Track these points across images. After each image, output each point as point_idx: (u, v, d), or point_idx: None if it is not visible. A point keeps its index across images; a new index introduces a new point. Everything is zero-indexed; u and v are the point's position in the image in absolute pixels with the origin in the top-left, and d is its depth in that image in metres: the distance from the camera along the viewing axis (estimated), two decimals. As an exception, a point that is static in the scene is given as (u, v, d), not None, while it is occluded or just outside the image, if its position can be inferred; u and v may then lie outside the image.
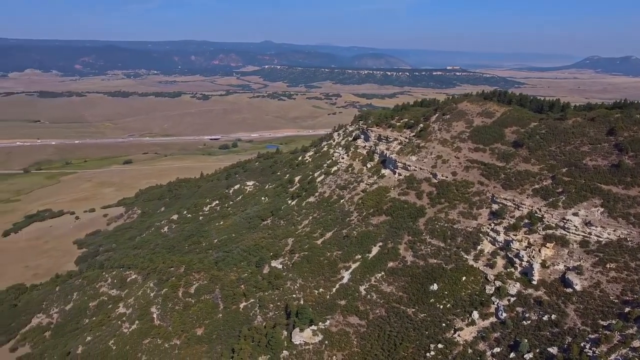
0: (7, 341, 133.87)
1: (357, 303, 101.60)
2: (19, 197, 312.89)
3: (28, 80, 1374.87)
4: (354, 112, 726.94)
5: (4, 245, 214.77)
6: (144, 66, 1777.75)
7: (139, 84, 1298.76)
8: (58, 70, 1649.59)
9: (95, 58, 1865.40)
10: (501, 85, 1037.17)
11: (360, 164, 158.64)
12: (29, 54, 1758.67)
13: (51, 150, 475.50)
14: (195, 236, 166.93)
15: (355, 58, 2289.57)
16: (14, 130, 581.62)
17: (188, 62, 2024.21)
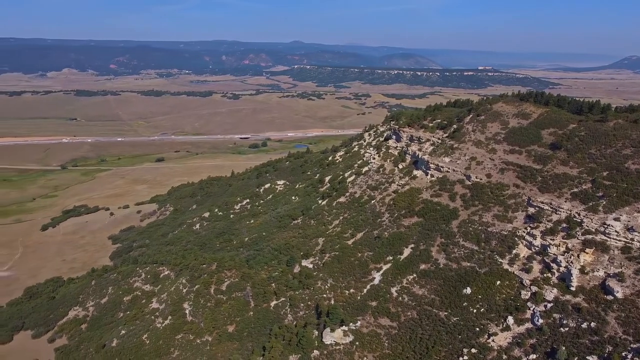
0: (46, 332, 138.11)
1: (388, 305, 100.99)
2: (57, 193, 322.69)
3: (66, 80, 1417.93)
4: (384, 113, 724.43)
5: (43, 239, 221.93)
6: (176, 66, 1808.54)
7: (171, 83, 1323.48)
8: (94, 70, 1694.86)
9: (130, 58, 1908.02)
10: (534, 86, 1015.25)
11: (391, 164, 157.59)
12: (66, 54, 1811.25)
13: (87, 147, 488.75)
14: (227, 234, 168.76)
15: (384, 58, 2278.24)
16: (52, 128, 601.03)
17: (219, 62, 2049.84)
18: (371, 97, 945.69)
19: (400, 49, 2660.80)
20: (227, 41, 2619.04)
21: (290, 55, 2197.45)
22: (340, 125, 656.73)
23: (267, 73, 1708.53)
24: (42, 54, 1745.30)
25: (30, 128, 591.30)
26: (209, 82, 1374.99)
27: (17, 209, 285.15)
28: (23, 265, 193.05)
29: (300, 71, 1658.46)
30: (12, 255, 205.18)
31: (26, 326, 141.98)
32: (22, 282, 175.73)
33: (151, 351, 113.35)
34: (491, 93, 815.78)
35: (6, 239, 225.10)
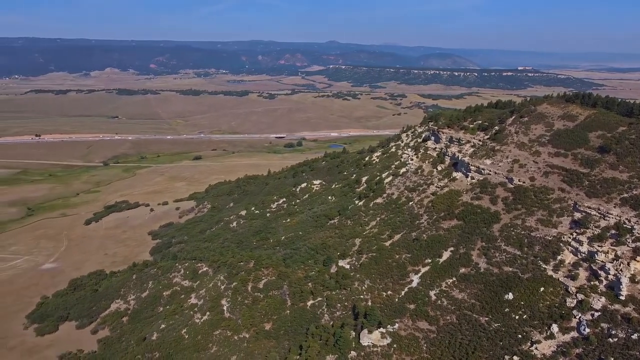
0: (89, 323, 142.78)
1: (426, 308, 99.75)
2: (99, 189, 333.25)
3: (108, 79, 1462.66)
4: (420, 113, 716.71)
5: (86, 233, 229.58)
6: (213, 65, 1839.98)
7: (208, 82, 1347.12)
8: (134, 69, 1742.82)
9: (169, 58, 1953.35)
10: (577, 87, 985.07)
11: (430, 166, 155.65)
12: (109, 54, 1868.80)
13: (128, 144, 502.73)
14: (263, 232, 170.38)
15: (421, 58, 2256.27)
16: (95, 125, 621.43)
17: (255, 61, 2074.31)
18: (407, 97, 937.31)
19: (437, 48, 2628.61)
20: (263, 41, 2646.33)
21: (326, 55, 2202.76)
22: (375, 126, 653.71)
23: (302, 73, 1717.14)
24: (86, 54, 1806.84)
25: (75, 125, 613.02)
26: (246, 82, 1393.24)
27: (62, 203, 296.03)
28: (68, 258, 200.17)
29: (335, 71, 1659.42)
30: (57, 248, 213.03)
31: (71, 317, 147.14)
32: (67, 274, 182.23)
33: (190, 346, 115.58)
34: (531, 94, 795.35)
35: (52, 232, 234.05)
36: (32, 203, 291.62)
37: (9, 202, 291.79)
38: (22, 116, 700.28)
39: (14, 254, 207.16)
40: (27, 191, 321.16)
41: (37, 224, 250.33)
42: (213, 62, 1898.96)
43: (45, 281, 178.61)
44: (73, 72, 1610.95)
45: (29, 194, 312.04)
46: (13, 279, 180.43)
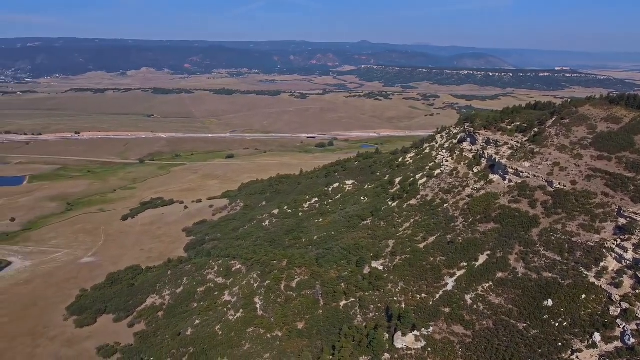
0: (126, 317, 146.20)
1: (462, 312, 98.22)
2: (135, 185, 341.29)
3: (143, 78, 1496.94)
4: (453, 114, 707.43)
5: (123, 229, 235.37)
6: (246, 65, 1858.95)
7: (241, 82, 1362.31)
8: (169, 69, 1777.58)
9: (202, 57, 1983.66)
10: (618, 88, 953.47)
11: (465, 167, 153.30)
12: (145, 53, 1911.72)
13: (163, 142, 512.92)
14: (295, 231, 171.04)
15: (454, 58, 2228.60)
16: (131, 123, 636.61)
17: (287, 61, 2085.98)
18: (440, 98, 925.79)
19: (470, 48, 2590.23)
20: (295, 41, 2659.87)
21: (358, 55, 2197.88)
22: (407, 126, 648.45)
23: (333, 73, 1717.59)
24: (123, 54, 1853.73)
25: (112, 123, 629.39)
26: (277, 82, 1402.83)
27: (99, 199, 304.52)
28: (105, 253, 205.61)
29: (367, 71, 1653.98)
30: (95, 242, 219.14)
31: (108, 310, 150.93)
32: (104, 268, 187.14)
33: (224, 342, 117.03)
34: (569, 95, 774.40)
35: (91, 227, 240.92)
36: (72, 198, 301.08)
37: (50, 197, 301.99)
38: (62, 114, 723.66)
39: (55, 247, 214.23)
40: (66, 187, 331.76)
41: (76, 219, 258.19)
42: (245, 62, 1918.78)
43: (84, 274, 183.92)
44: (111, 72, 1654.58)
45: (68, 190, 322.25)
46: (54, 272, 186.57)
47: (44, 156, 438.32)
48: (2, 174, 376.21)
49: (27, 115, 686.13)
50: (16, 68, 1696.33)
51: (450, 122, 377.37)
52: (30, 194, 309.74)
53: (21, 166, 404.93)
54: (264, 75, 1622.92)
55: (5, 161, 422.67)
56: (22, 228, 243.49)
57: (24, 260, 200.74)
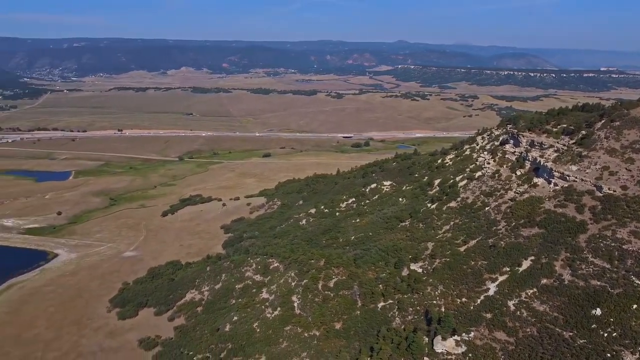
0: (166, 311, 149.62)
1: (504, 318, 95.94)
2: (175, 182, 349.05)
3: (183, 77, 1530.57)
4: (492, 115, 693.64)
5: (164, 225, 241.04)
6: (282, 65, 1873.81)
7: (277, 82, 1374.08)
8: (208, 68, 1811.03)
9: (240, 57, 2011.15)
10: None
11: (508, 170, 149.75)
12: (184, 53, 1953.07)
13: (201, 141, 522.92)
14: (333, 231, 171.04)
15: (493, 58, 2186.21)
16: (171, 122, 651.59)
17: (324, 61, 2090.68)
18: (479, 98, 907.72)
19: (510, 48, 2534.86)
20: (332, 41, 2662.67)
21: (394, 55, 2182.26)
22: (445, 127, 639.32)
23: (370, 73, 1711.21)
24: (164, 54, 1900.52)
25: (153, 121, 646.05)
26: (314, 81, 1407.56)
27: (141, 195, 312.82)
28: (146, 247, 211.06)
29: (404, 71, 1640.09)
30: (137, 237, 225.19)
31: (149, 303, 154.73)
32: (145, 262, 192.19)
33: (261, 339, 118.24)
34: (615, 97, 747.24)
35: (132, 222, 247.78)
36: (115, 194, 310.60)
37: (94, 192, 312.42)
38: (106, 112, 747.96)
39: (99, 240, 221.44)
40: (110, 182, 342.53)
41: (118, 214, 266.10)
42: (282, 61, 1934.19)
43: (126, 268, 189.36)
44: (152, 71, 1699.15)
45: (111, 185, 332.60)
46: (98, 264, 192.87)
47: (89, 152, 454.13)
48: (50, 169, 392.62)
49: (73, 113, 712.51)
50: (63, 67, 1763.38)
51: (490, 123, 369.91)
52: (76, 189, 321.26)
53: (67, 162, 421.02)
54: (300, 75, 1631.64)
55: (53, 157, 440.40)
56: (67, 221, 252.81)
57: (70, 253, 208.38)
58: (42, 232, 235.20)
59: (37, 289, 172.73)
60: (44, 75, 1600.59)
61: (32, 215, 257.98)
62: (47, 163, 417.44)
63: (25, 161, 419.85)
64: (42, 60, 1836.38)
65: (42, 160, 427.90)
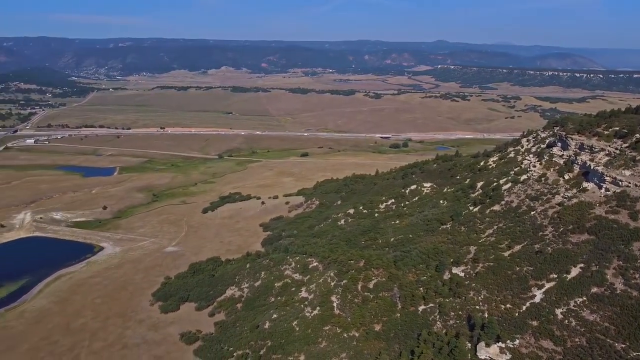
0: (207, 306, 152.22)
1: (552, 326, 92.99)
2: (214, 180, 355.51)
3: (223, 77, 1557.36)
4: (536, 117, 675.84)
5: (204, 221, 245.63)
6: (320, 65, 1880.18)
7: (315, 81, 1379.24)
8: (247, 68, 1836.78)
9: (279, 57, 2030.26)
10: None
11: (555, 174, 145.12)
12: (225, 53, 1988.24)
13: (240, 139, 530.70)
14: (372, 232, 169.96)
15: (536, 58, 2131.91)
16: (211, 120, 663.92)
17: (362, 61, 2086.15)
18: (521, 99, 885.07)
19: (555, 48, 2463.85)
20: (370, 41, 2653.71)
21: (434, 55, 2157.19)
22: (486, 129, 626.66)
23: (408, 73, 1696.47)
24: (205, 54, 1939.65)
25: (194, 120, 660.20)
26: (351, 81, 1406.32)
27: (182, 191, 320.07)
28: (188, 243, 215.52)
29: (443, 71, 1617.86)
30: (178, 233, 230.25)
31: (190, 298, 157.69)
32: (186, 258, 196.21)
33: (300, 338, 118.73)
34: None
35: (174, 218, 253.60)
36: (157, 190, 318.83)
37: (137, 187, 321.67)
38: (149, 110, 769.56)
39: (142, 235, 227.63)
40: (152, 179, 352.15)
41: (160, 210, 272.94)
42: (320, 61, 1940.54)
43: (168, 263, 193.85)
44: (193, 70, 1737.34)
45: (154, 182, 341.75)
46: (141, 258, 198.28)
47: (133, 149, 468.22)
48: (96, 165, 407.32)
49: (118, 111, 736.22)
50: (109, 66, 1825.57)
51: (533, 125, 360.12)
52: (120, 185, 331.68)
53: (112, 158, 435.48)
54: (338, 75, 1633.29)
55: (99, 153, 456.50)
56: (112, 216, 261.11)
57: (115, 246, 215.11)
58: (89, 225, 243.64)
59: (84, 280, 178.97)
60: (90, 74, 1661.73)
61: (79, 209, 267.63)
62: (94, 159, 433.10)
63: (73, 157, 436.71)
64: (89, 59, 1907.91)
65: (89, 156, 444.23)
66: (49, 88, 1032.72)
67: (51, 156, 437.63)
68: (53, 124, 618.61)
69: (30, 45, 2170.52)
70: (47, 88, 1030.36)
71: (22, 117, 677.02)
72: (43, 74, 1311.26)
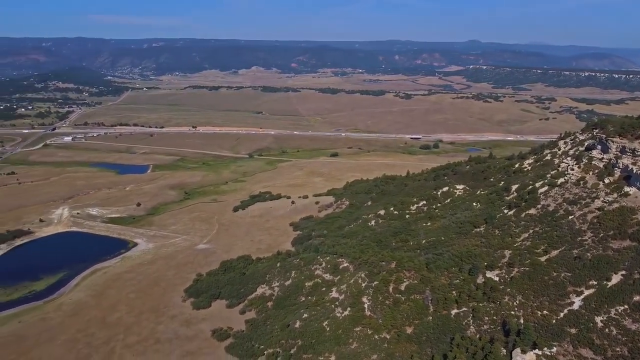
0: (238, 304, 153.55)
1: (591, 335, 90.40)
2: (245, 179, 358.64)
3: (253, 76, 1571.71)
4: (571, 119, 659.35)
5: (235, 220, 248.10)
6: (350, 65, 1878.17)
7: (345, 81, 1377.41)
8: (277, 68, 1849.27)
9: (309, 57, 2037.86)
10: None
11: (594, 178, 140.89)
12: (255, 53, 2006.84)
13: (270, 139, 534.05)
14: (403, 234, 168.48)
15: (572, 58, 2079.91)
16: (242, 120, 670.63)
17: (392, 61, 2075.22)
18: (556, 101, 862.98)
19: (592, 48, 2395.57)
20: (400, 41, 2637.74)
21: (465, 55, 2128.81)
22: (519, 130, 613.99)
23: (439, 73, 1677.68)
24: (235, 54, 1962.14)
25: (225, 119, 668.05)
26: (381, 82, 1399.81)
27: (213, 190, 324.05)
28: (219, 241, 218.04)
29: (475, 71, 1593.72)
30: (209, 230, 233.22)
31: (222, 296, 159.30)
32: (218, 255, 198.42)
33: (331, 338, 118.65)
34: None
35: (205, 216, 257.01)
36: (189, 188, 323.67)
37: (170, 185, 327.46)
38: (181, 109, 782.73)
39: (174, 232, 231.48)
40: (184, 177, 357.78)
41: (192, 207, 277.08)
42: (350, 61, 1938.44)
43: (199, 260, 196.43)
44: (224, 70, 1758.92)
45: (186, 180, 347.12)
46: (174, 255, 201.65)
47: (165, 147, 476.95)
48: (130, 162, 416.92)
49: (151, 110, 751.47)
50: (142, 66, 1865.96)
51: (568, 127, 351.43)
52: (153, 182, 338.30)
53: (146, 156, 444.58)
54: (367, 75, 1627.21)
55: (133, 151, 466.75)
56: (146, 213, 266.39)
57: (148, 243, 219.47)
58: (123, 221, 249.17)
59: (118, 275, 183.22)
60: (125, 73, 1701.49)
61: (114, 205, 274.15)
62: (128, 157, 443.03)
63: (109, 154, 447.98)
64: (124, 59, 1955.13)
65: (123, 154, 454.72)
66: (85, 87, 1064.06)
67: (87, 153, 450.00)
68: (89, 122, 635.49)
69: (68, 46, 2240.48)
70: (83, 87, 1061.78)
71: (60, 115, 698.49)
72: (80, 73, 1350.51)
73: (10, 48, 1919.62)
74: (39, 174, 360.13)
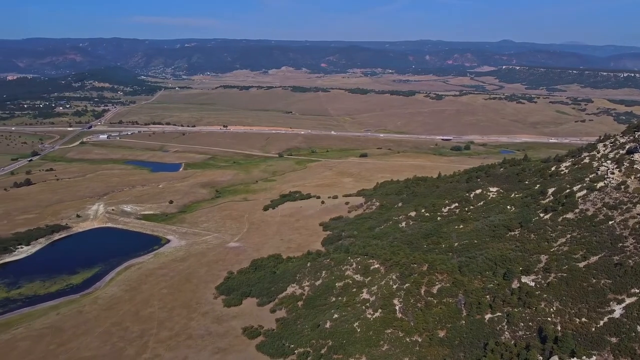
0: (268, 302, 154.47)
1: (633, 345, 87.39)
2: (275, 178, 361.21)
3: (283, 76, 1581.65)
4: (609, 121, 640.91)
5: (265, 219, 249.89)
6: (380, 65, 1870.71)
7: (374, 82, 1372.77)
8: (307, 68, 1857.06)
9: (339, 57, 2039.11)
10: None
11: (637, 182, 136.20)
12: (285, 53, 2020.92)
13: (300, 138, 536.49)
14: (434, 236, 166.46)
15: (610, 59, 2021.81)
16: (272, 119, 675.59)
17: (422, 61, 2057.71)
18: (593, 102, 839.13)
19: (631, 47, 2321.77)
20: (431, 41, 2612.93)
21: (498, 55, 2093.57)
22: (553, 132, 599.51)
23: (471, 73, 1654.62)
24: (266, 54, 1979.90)
25: (255, 118, 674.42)
26: (411, 82, 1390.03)
27: (243, 188, 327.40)
28: (249, 239, 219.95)
29: (508, 72, 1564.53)
30: (240, 229, 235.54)
31: (252, 294, 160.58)
32: (248, 254, 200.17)
33: (362, 340, 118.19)
34: None
35: (236, 214, 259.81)
36: (219, 186, 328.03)
37: (201, 183, 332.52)
38: (212, 108, 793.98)
39: (206, 230, 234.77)
40: (215, 175, 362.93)
41: (223, 206, 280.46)
42: (380, 61, 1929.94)
43: (230, 258, 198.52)
44: (254, 70, 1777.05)
45: (217, 178, 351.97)
46: (205, 252, 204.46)
47: (197, 146, 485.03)
48: (163, 161, 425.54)
49: (183, 109, 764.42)
50: (175, 66, 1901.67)
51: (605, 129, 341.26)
52: (185, 180, 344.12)
53: (178, 154, 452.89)
54: (397, 75, 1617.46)
55: (165, 149, 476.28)
56: (178, 210, 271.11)
57: (180, 240, 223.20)
58: (156, 218, 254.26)
59: (152, 271, 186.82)
60: (158, 73, 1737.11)
61: (147, 202, 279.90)
62: (160, 155, 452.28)
63: (142, 152, 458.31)
64: (157, 59, 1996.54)
65: (156, 152, 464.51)
66: (120, 86, 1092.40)
67: (122, 151, 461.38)
68: (124, 120, 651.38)
69: (103, 46, 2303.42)
70: (118, 86, 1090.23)
71: (96, 113, 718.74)
72: (115, 73, 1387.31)
73: (49, 48, 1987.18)
74: (75, 170, 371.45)
